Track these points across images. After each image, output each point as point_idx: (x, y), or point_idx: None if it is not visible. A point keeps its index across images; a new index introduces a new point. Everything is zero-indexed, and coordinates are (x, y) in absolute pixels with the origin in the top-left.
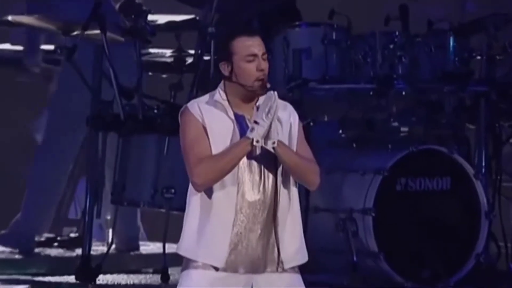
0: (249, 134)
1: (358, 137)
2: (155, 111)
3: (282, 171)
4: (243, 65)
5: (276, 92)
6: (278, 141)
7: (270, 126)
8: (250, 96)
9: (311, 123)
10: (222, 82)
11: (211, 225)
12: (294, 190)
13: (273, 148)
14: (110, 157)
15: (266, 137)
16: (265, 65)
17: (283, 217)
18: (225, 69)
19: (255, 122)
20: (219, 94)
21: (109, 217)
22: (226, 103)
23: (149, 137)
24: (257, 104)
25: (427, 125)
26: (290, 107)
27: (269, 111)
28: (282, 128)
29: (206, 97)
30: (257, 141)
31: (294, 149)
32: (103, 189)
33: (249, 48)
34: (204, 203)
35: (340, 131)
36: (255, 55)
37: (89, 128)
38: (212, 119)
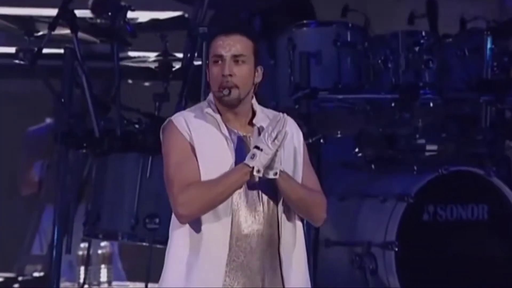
0: (249, 161)
1: (377, 157)
2: (136, 126)
3: (284, 200)
4: (210, 68)
5: (286, 115)
6: (281, 171)
7: (275, 154)
8: (227, 106)
9: (322, 141)
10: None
11: (201, 263)
12: (299, 220)
13: (275, 179)
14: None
15: (268, 166)
16: (234, 70)
17: (288, 252)
18: (208, 74)
19: (257, 147)
20: (209, 106)
21: (81, 253)
22: (218, 117)
23: (129, 156)
24: (254, 121)
25: (460, 142)
26: (293, 124)
27: (276, 137)
28: (284, 152)
29: (194, 109)
30: (258, 171)
31: (300, 179)
32: (74, 220)
33: (216, 49)
34: (191, 237)
35: (356, 150)
36: (219, 56)
37: (58, 146)
38: (201, 136)
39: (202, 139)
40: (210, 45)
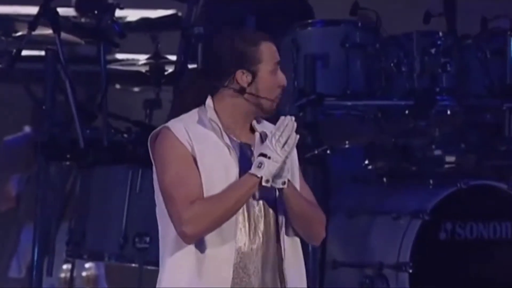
0: (256, 171)
1: (389, 169)
2: (125, 135)
3: (284, 214)
4: (270, 77)
5: (294, 118)
6: (288, 180)
7: (284, 162)
8: (249, 116)
9: (328, 152)
10: (210, 98)
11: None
12: (297, 238)
13: (282, 189)
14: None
15: (276, 174)
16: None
17: (290, 272)
18: (242, 79)
19: (264, 155)
20: (210, 113)
21: (63, 275)
22: (219, 124)
23: (117, 169)
24: (253, 124)
25: (481, 153)
26: None
27: (286, 143)
28: None
29: (191, 115)
30: (267, 181)
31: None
32: (55, 239)
33: (276, 55)
34: (193, 260)
35: (366, 162)
36: (279, 63)
37: (38, 157)
38: (203, 145)
39: (204, 148)
40: (261, 50)
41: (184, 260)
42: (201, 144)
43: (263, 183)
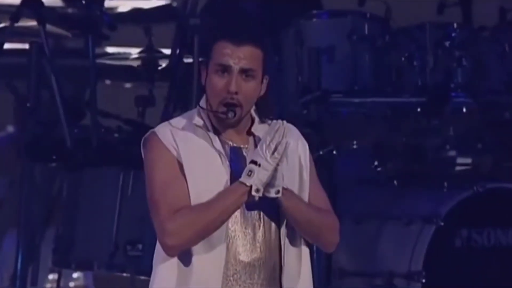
0: (246, 179)
1: (400, 171)
2: (116, 134)
3: (288, 223)
4: (212, 77)
5: (285, 122)
6: (284, 189)
7: (275, 169)
8: (225, 124)
9: (335, 153)
10: (204, 97)
11: None
12: (305, 245)
13: (277, 197)
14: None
15: (269, 183)
16: (241, 86)
17: (292, 283)
18: (203, 75)
19: (254, 162)
20: (199, 115)
21: (49, 286)
22: (210, 127)
23: (108, 171)
24: (253, 129)
25: (498, 154)
26: (296, 132)
27: (275, 149)
28: (287, 166)
29: (181, 118)
30: (257, 190)
31: (306, 197)
32: (41, 246)
33: (223, 57)
34: (179, 270)
35: (376, 163)
36: (227, 68)
37: (22, 159)
38: (191, 151)
39: (191, 154)
40: (213, 46)
41: (171, 272)
42: (188, 149)
43: (253, 193)
